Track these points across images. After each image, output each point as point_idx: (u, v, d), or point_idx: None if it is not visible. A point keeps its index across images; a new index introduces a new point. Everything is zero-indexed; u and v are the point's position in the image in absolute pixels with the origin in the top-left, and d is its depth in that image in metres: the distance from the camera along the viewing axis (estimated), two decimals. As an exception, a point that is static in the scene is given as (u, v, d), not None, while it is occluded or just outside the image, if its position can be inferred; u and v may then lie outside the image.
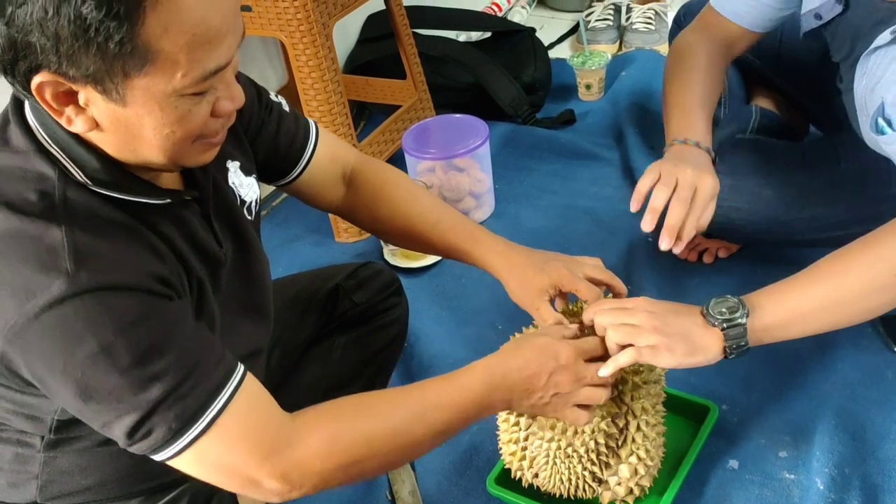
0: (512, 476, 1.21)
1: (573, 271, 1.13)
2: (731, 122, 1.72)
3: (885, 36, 1.13)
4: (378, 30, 2.31)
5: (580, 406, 1.03)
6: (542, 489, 1.19)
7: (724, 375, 1.39)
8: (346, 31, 2.34)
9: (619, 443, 1.12)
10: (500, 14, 2.77)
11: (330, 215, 1.88)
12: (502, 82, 2.18)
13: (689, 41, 1.44)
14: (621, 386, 1.11)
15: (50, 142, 0.83)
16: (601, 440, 1.09)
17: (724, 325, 1.03)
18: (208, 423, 0.83)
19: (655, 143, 2.04)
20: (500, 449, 1.21)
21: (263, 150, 1.11)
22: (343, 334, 1.37)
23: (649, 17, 2.53)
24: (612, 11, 2.58)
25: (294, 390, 1.32)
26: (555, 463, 1.12)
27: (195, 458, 0.84)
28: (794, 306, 1.05)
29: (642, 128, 2.10)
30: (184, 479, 0.91)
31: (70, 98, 0.78)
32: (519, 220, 1.89)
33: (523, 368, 0.99)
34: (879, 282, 1.04)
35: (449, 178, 1.85)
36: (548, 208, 1.92)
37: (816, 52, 1.44)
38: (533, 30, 2.40)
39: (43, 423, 0.93)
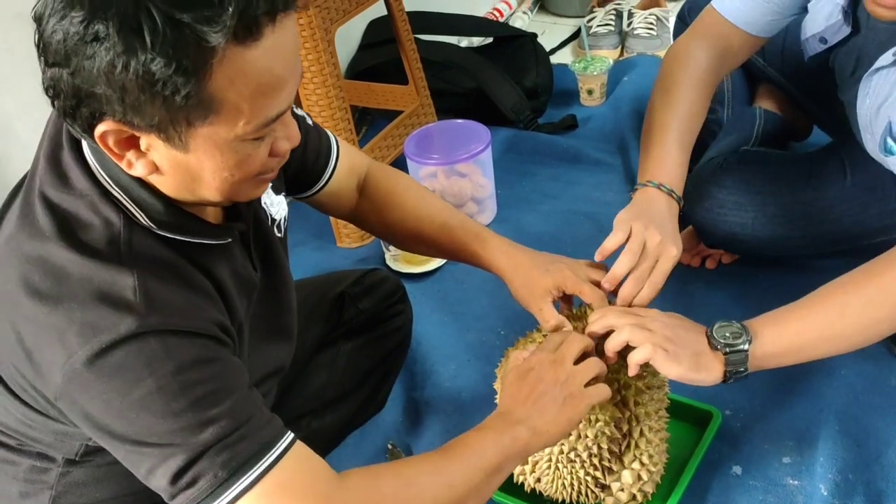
0: (514, 481, 1.20)
1: (577, 274, 1.14)
2: (734, 127, 1.72)
3: (887, 57, 1.15)
4: (380, 35, 2.31)
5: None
6: (545, 494, 1.18)
7: (727, 381, 1.38)
8: (348, 37, 2.34)
9: (623, 448, 1.12)
10: (501, 19, 2.78)
11: (332, 220, 1.88)
12: (504, 87, 2.18)
13: (688, 49, 1.39)
14: (625, 391, 1.11)
15: (112, 184, 0.83)
16: (604, 444, 1.09)
17: (727, 350, 1.05)
18: (258, 477, 0.80)
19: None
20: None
21: (293, 167, 1.12)
22: (348, 341, 1.37)
23: (651, 23, 2.53)
24: (613, 17, 2.58)
25: (299, 396, 1.32)
26: (557, 467, 1.12)
27: None
28: (794, 337, 1.07)
29: (644, 133, 2.09)
30: None
31: (131, 143, 0.78)
32: (521, 225, 1.89)
33: (513, 395, 1.00)
34: (880, 315, 1.06)
35: (451, 183, 1.85)
36: (549, 213, 1.92)
37: (820, 56, 1.44)
38: (534, 35, 2.40)
39: (72, 447, 0.93)
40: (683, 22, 1.74)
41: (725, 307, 1.57)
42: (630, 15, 2.60)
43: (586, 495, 1.15)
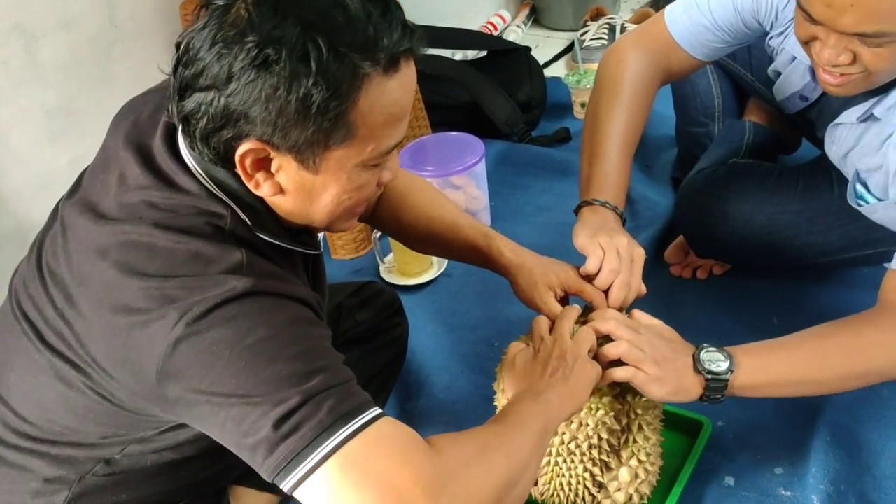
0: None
1: (578, 274, 1.18)
2: (724, 139, 1.73)
3: (850, 115, 1.21)
4: (374, 48, 2.32)
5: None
6: (541, 498, 1.19)
7: (720, 392, 1.39)
8: (343, 50, 2.35)
9: (621, 442, 1.13)
10: (495, 33, 2.79)
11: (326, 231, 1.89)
12: (498, 100, 2.19)
13: (627, 58, 1.36)
14: (623, 382, 1.12)
15: (216, 187, 0.87)
16: (604, 435, 1.10)
17: (709, 377, 1.08)
18: (363, 425, 0.79)
19: (649, 161, 2.06)
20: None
21: None
22: (345, 352, 1.37)
23: (643, 37, 2.55)
24: (606, 31, 2.60)
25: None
26: (556, 462, 1.12)
27: (343, 462, 0.76)
28: (773, 375, 1.11)
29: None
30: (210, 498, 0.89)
31: (263, 164, 0.84)
32: (515, 236, 1.84)
33: (527, 377, 1.05)
34: (857, 371, 1.11)
35: (445, 195, 1.86)
36: (543, 225, 1.92)
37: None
38: (528, 48, 2.42)
39: (120, 442, 0.93)
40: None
41: (717, 318, 1.57)
42: (623, 29, 2.61)
43: (583, 497, 1.15)
